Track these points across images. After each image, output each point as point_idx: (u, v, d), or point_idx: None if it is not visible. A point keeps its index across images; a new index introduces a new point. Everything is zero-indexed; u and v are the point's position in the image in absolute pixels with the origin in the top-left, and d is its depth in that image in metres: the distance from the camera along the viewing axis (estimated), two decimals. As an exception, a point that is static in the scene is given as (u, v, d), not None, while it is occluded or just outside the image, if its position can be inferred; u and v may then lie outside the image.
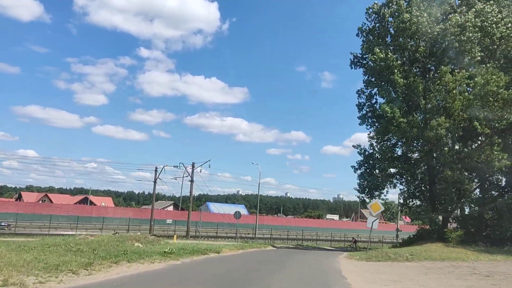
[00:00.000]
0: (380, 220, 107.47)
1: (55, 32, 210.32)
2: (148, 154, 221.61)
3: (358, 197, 33.10)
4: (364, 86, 33.02)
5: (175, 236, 30.14)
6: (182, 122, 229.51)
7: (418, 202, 33.84)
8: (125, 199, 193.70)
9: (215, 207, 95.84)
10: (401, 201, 34.75)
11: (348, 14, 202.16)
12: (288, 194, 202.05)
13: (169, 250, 16.53)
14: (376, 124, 31.63)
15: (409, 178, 30.65)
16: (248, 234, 61.57)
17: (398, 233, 49.67)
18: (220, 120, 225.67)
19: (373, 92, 32.38)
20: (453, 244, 25.31)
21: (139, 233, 22.72)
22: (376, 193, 32.23)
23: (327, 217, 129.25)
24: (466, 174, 27.41)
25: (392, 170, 30.96)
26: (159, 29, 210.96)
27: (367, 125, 32.55)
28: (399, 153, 31.65)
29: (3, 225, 46.54)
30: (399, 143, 31.15)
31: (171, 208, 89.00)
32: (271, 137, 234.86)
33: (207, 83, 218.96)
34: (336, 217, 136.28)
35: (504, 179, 29.72)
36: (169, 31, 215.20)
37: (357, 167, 32.64)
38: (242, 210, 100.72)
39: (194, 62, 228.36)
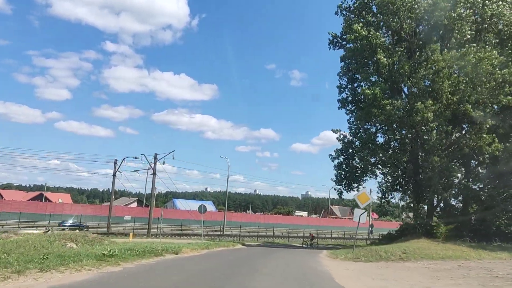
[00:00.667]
0: (348, 217, 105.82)
1: (16, 24, 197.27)
2: (114, 150, 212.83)
3: (335, 189, 30.08)
4: (342, 71, 29.98)
5: (131, 234, 26.14)
6: (150, 118, 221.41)
7: (398, 196, 31.32)
8: (89, 196, 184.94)
9: (181, 204, 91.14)
10: (379, 194, 32.03)
11: (319, 13, 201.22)
12: (257, 191, 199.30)
13: (109, 252, 12.66)
14: (355, 111, 28.66)
15: (390, 168, 27.77)
16: (216, 231, 57.85)
17: (372, 229, 47.22)
18: (189, 117, 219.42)
19: (355, 76, 29.37)
20: (442, 240, 22.69)
21: (77, 231, 18.63)
22: (355, 184, 29.34)
23: (296, 213, 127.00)
24: (454, 162, 24.80)
25: (373, 160, 28.00)
26: (126, 23, 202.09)
27: (347, 110, 29.54)
28: (381, 140, 28.81)
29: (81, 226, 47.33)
30: (381, 130, 28.30)
31: (135, 204, 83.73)
32: (240, 134, 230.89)
33: (176, 79, 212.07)
34: (305, 213, 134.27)
35: (484, 172, 27.47)
36: (137, 26, 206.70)
37: (335, 156, 29.56)
38: (210, 206, 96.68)
39: (163, 58, 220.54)
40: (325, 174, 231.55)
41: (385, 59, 24.88)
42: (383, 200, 31.30)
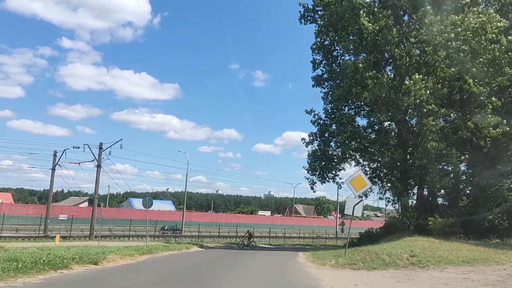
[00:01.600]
0: (312, 215, 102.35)
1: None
2: (71, 150, 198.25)
3: (307, 178, 25.51)
4: (316, 46, 25.53)
5: (57, 237, 20.42)
6: (109, 118, 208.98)
7: (376, 190, 27.38)
8: (41, 197, 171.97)
9: (138, 204, 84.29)
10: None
11: (283, 15, 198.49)
12: (219, 192, 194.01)
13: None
14: (332, 91, 24.31)
15: (374, 154, 23.52)
16: (174, 232, 52.27)
17: (343, 227, 43.30)
18: (150, 117, 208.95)
19: (333, 53, 25.01)
20: (439, 238, 18.61)
21: None
22: (330, 174, 25.01)
23: (259, 213, 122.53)
24: (451, 147, 20.83)
25: (354, 145, 23.63)
26: (84, 19, 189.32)
27: (322, 89, 25.17)
28: (363, 123, 24.58)
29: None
30: (363, 112, 24.08)
31: (85, 204, 76.06)
32: (203, 134, 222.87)
33: (136, 78, 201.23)
34: (268, 213, 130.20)
35: (479, 158, 23.80)
36: (95, 22, 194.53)
37: (308, 140, 25.03)
38: (170, 206, 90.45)
39: (123, 56, 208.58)
40: (288, 174, 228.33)
41: (370, 24, 20.64)
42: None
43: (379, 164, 24.49)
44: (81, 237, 35.35)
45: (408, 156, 22.41)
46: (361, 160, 24.39)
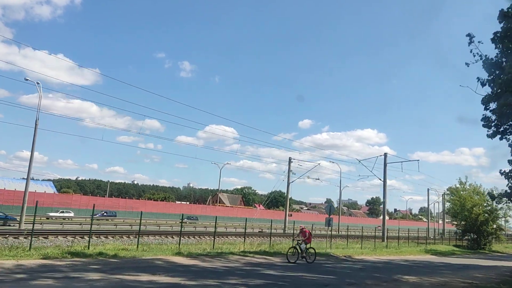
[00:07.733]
0: (239, 205, 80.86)
1: None
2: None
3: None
4: None
5: None
6: (17, 101, 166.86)
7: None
8: None
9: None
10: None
11: (212, 6, 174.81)
12: (135, 182, 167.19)
13: None
14: None
15: None
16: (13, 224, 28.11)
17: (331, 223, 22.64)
18: (66, 102, 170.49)
19: None
20: None
21: None
22: None
23: (177, 202, 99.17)
24: None
25: None
26: None
27: None
28: None
29: None
30: None
31: None
32: (123, 124, 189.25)
33: (52, 59, 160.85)
34: (187, 203, 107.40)
35: None
36: None
37: None
38: (48, 188, 63.16)
39: (39, 35, 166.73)
40: (209, 168, 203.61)
41: None
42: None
43: None
44: None
45: None
46: None
